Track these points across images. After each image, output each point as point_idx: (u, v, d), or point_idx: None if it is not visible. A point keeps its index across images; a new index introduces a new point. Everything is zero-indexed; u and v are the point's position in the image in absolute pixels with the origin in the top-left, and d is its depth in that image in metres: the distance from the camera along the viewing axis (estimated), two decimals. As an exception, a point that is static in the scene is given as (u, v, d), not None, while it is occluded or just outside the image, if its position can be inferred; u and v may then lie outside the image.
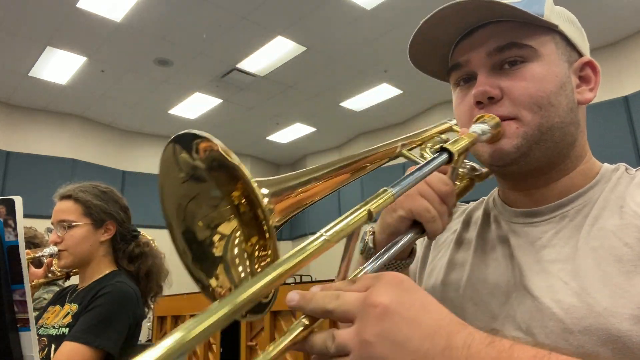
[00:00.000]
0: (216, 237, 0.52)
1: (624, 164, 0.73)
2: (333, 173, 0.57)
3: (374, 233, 0.69)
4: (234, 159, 0.44)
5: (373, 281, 0.46)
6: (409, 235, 0.63)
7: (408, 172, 0.56)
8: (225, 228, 0.52)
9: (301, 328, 0.46)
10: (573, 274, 0.61)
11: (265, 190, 0.46)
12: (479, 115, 0.69)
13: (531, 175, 0.72)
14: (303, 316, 0.47)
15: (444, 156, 0.60)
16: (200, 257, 0.52)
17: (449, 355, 0.42)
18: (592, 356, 0.42)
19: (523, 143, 0.68)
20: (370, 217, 0.48)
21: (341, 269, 0.50)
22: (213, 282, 0.52)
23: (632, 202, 0.64)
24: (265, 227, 0.47)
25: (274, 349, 0.43)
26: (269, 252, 0.49)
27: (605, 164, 0.74)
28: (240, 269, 0.52)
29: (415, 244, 0.75)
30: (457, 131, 0.76)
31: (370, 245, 0.69)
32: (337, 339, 0.44)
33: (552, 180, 0.72)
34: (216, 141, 0.44)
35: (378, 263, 0.57)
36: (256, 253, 0.52)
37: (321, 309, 0.45)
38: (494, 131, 0.67)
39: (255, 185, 0.44)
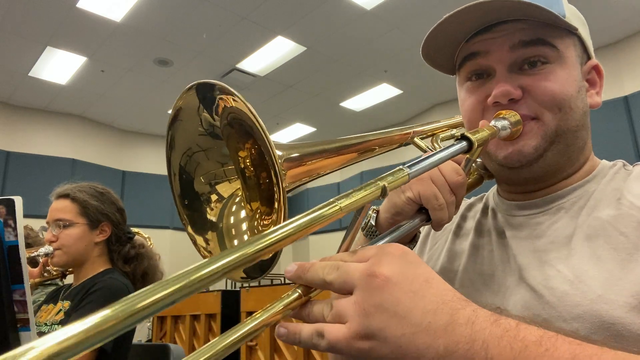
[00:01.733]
0: (214, 197, 0.52)
1: (623, 160, 0.73)
2: (344, 149, 0.56)
3: (377, 212, 0.69)
4: (256, 116, 0.43)
5: (375, 252, 0.45)
6: (414, 221, 0.62)
7: (424, 155, 0.56)
8: (226, 189, 0.52)
9: (296, 295, 0.45)
10: (567, 262, 0.61)
11: (279, 153, 0.46)
12: (497, 112, 0.67)
13: (536, 181, 0.71)
14: (298, 285, 0.45)
15: (464, 144, 0.60)
16: (194, 207, 0.52)
17: (452, 331, 0.40)
18: (593, 340, 0.41)
19: (541, 144, 0.67)
20: (384, 194, 0.47)
21: (345, 243, 0.49)
22: (201, 241, 0.52)
23: (629, 194, 0.64)
24: (275, 190, 0.47)
25: (264, 313, 0.42)
26: (274, 217, 0.49)
27: (604, 160, 0.74)
28: (238, 230, 0.52)
29: (420, 231, 0.74)
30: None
31: (372, 223, 0.68)
32: (335, 307, 0.43)
33: (553, 182, 0.72)
34: (240, 96, 0.44)
35: (379, 243, 0.56)
36: (257, 217, 0.52)
37: (320, 279, 0.44)
38: (514, 128, 0.65)
39: (272, 144, 0.44)
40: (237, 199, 0.53)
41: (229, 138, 0.51)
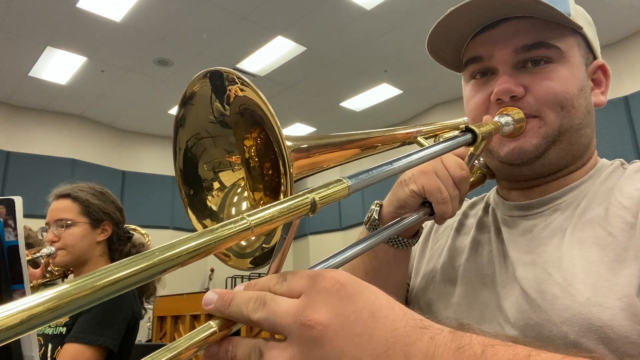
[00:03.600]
0: (216, 184, 0.52)
1: (621, 159, 0.73)
2: (349, 144, 0.56)
3: (381, 206, 0.69)
4: (267, 104, 0.43)
5: (307, 286, 0.37)
6: (417, 215, 0.62)
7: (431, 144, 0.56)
8: (229, 177, 0.52)
9: (210, 331, 0.37)
10: (558, 265, 0.62)
11: (289, 143, 0.45)
12: (502, 109, 0.68)
13: (537, 177, 0.72)
14: (215, 318, 0.38)
15: (468, 136, 0.60)
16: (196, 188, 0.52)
17: None
18: (575, 352, 0.36)
19: (542, 143, 0.67)
20: (314, 209, 0.40)
21: (273, 264, 0.43)
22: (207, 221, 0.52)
23: (619, 193, 0.64)
24: (283, 179, 0.46)
25: (168, 352, 0.35)
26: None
27: (603, 159, 0.75)
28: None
29: (422, 227, 0.75)
30: None
31: (376, 217, 0.69)
32: (267, 358, 0.36)
33: (554, 179, 0.72)
34: (255, 87, 0.44)
35: (381, 236, 0.56)
36: (260, 207, 0.52)
37: (244, 317, 0.37)
38: (517, 125, 0.66)
39: (282, 134, 0.44)
40: (239, 189, 0.53)
41: (237, 126, 0.51)
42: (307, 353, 0.35)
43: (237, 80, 0.46)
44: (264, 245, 0.48)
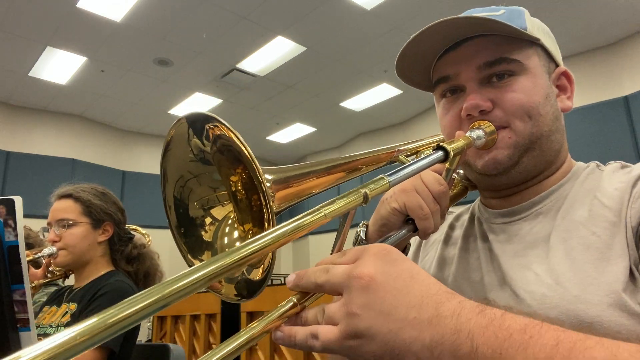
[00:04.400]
0: (208, 220, 0.54)
1: (596, 161, 0.76)
2: (332, 169, 0.61)
3: (367, 226, 0.72)
4: (243, 142, 0.46)
5: (360, 253, 0.47)
6: (402, 232, 0.65)
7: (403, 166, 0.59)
8: (219, 212, 0.54)
9: (290, 304, 0.48)
10: (545, 265, 0.64)
11: (268, 176, 0.50)
12: (474, 122, 0.71)
13: (516, 184, 0.75)
14: (295, 294, 0.49)
15: (440, 153, 0.63)
16: (190, 233, 0.55)
17: (437, 324, 0.42)
18: (583, 328, 0.43)
19: (515, 152, 0.71)
20: (366, 200, 0.51)
21: (336, 246, 0.54)
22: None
23: (600, 193, 0.67)
24: (265, 210, 0.50)
25: (260, 323, 0.45)
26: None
27: (579, 162, 0.77)
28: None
29: (409, 243, 0.78)
30: None
31: (362, 236, 0.71)
32: (326, 311, 0.46)
33: (533, 184, 0.75)
34: (227, 125, 0.47)
35: None
36: (249, 237, 0.55)
37: (312, 283, 0.48)
38: (489, 138, 0.69)
39: (260, 169, 0.47)
40: (230, 221, 0.56)
41: (220, 164, 0.54)
42: (355, 298, 0.44)
43: (211, 120, 0.49)
44: (245, 277, 0.53)
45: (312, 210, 0.46)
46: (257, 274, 0.51)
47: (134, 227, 1.91)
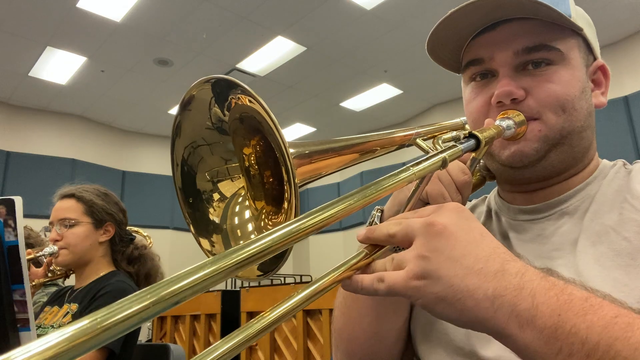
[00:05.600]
0: (216, 196, 0.52)
1: (623, 159, 0.73)
2: (349, 147, 0.58)
3: (382, 211, 0.69)
4: (269, 111, 0.45)
5: (435, 208, 0.49)
6: None
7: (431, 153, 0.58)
8: (229, 187, 0.52)
9: (362, 255, 0.49)
10: (573, 269, 0.61)
11: (292, 150, 0.47)
12: (503, 112, 0.67)
13: (539, 180, 0.71)
14: (365, 247, 0.51)
15: (472, 141, 0.60)
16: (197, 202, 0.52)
17: (502, 278, 0.44)
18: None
19: (543, 146, 0.67)
20: (445, 165, 0.53)
21: (407, 206, 0.57)
22: (205, 243, 0.52)
23: (631, 196, 0.64)
24: (286, 187, 0.48)
25: (333, 273, 0.46)
26: (282, 217, 0.49)
27: (604, 160, 0.74)
28: (245, 230, 0.52)
29: None
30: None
31: (377, 222, 0.68)
32: (395, 259, 0.47)
33: (557, 181, 0.71)
34: (257, 95, 0.46)
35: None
36: (263, 217, 0.52)
37: (384, 234, 0.49)
38: (518, 129, 0.66)
39: (285, 142, 0.45)
40: (240, 199, 0.52)
41: (235, 133, 0.51)
42: (426, 243, 0.46)
43: (239, 87, 0.47)
44: None
45: (402, 169, 0.49)
46: None
47: (135, 229, 1.91)
